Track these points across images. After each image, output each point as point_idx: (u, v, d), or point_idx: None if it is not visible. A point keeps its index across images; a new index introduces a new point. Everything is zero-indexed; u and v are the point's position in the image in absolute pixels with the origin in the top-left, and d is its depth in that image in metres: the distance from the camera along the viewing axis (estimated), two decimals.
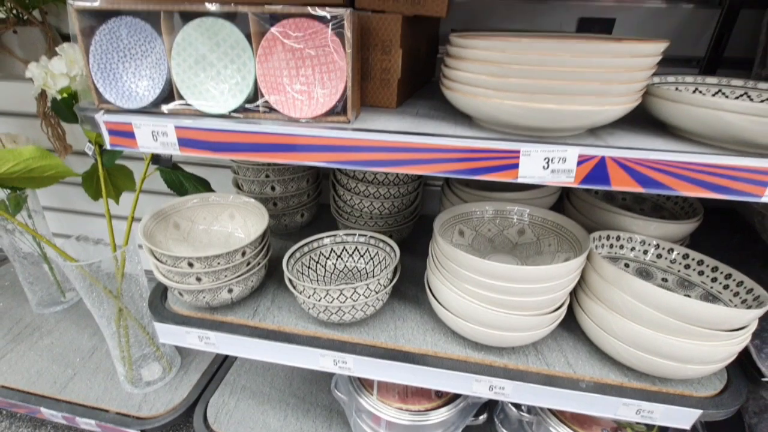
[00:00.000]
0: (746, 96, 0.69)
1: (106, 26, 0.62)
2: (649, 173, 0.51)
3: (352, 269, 0.92)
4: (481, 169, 0.54)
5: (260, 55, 0.59)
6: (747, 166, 0.49)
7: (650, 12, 0.96)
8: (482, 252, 0.85)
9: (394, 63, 0.67)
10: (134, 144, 0.62)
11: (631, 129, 0.62)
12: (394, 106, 0.71)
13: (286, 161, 0.59)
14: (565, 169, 0.52)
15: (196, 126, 0.59)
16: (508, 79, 0.51)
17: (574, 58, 0.48)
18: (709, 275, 0.79)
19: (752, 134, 0.51)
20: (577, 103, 0.51)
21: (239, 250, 0.77)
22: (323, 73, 0.61)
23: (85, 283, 1.01)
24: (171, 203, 0.88)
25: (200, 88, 0.63)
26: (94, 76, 0.63)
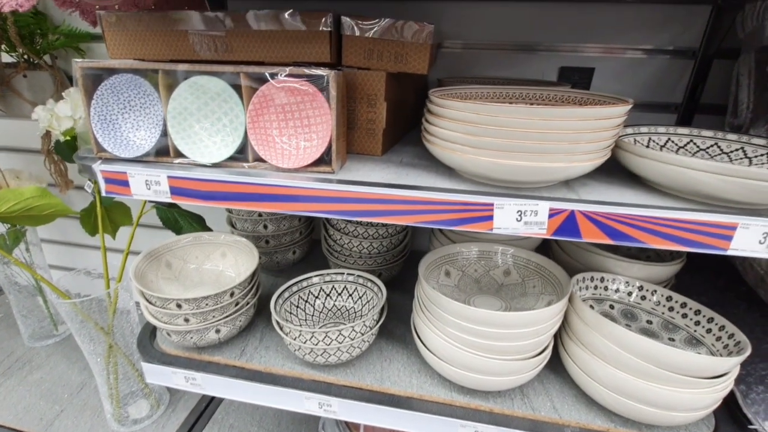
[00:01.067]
0: (716, 146, 0.72)
1: (108, 82, 0.66)
2: (618, 227, 0.53)
3: (341, 308, 0.93)
4: (458, 221, 0.56)
5: (251, 110, 0.63)
6: (711, 221, 0.51)
7: (628, 62, 1.01)
8: (468, 293, 0.86)
9: (379, 115, 0.71)
10: (128, 192, 0.65)
11: (605, 179, 0.65)
12: (379, 154, 0.74)
13: (273, 210, 0.61)
14: (537, 221, 0.54)
15: (187, 176, 0.62)
16: (482, 137, 0.54)
17: (543, 121, 0.52)
18: (693, 318, 0.79)
19: (717, 190, 0.53)
20: (547, 160, 0.53)
21: (227, 291, 0.78)
22: (310, 126, 0.64)
23: (77, 320, 1.02)
24: (164, 243, 0.90)
25: (194, 138, 0.67)
26: (94, 127, 0.67)
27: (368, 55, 0.68)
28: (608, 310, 0.85)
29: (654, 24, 0.96)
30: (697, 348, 0.75)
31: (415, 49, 0.66)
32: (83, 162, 0.67)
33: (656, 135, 0.74)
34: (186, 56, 0.71)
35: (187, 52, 0.71)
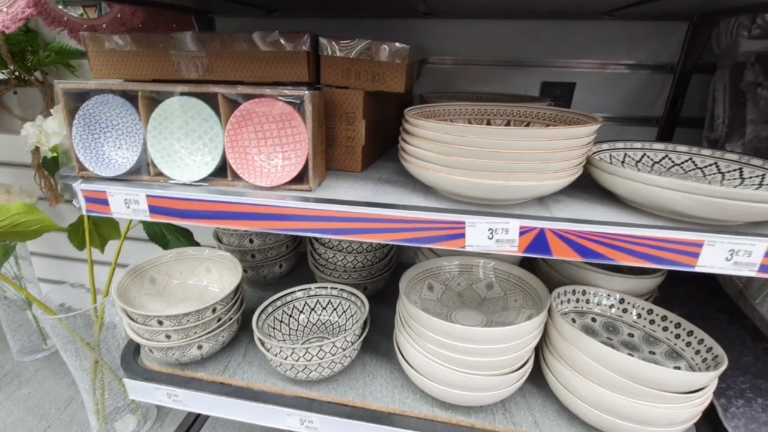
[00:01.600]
0: (691, 161, 0.73)
1: (89, 102, 0.67)
2: (588, 244, 0.54)
3: (325, 322, 0.93)
4: (432, 238, 0.57)
5: (229, 129, 0.64)
6: (679, 238, 0.52)
7: (609, 76, 1.02)
8: (450, 307, 0.86)
9: (358, 132, 0.72)
10: (108, 210, 0.65)
11: (579, 195, 0.66)
12: (359, 171, 0.75)
13: (250, 228, 0.62)
14: (508, 239, 0.55)
15: (165, 195, 0.63)
16: (455, 157, 0.55)
17: (514, 141, 0.52)
18: (673, 331, 0.80)
19: (684, 207, 0.54)
20: (519, 179, 0.54)
21: (209, 307, 0.79)
22: (287, 144, 0.65)
23: (63, 335, 1.02)
24: (148, 259, 0.91)
25: (174, 157, 0.68)
26: (75, 147, 0.68)
27: (346, 74, 0.69)
28: (590, 323, 0.85)
29: (634, 40, 0.98)
30: (677, 361, 0.76)
31: (391, 69, 0.67)
32: (65, 181, 0.68)
33: (632, 150, 0.76)
34: (168, 76, 0.72)
35: (169, 72, 0.72)
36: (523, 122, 0.74)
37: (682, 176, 0.70)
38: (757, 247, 0.50)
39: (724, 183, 0.67)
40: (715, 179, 0.68)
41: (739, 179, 0.66)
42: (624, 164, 0.74)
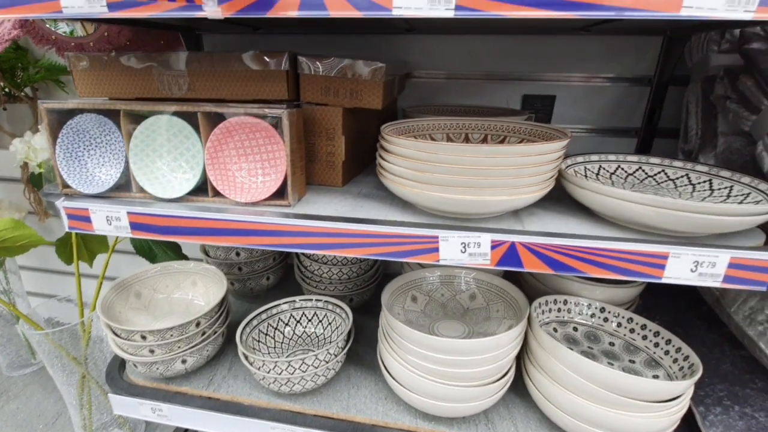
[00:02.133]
0: (663, 173, 0.74)
1: (73, 122, 0.68)
2: (558, 257, 0.55)
3: (311, 335, 0.93)
4: (407, 252, 0.58)
5: (209, 147, 0.65)
6: (645, 251, 0.53)
7: (588, 89, 1.04)
8: (433, 318, 0.87)
9: (338, 148, 0.73)
10: (90, 227, 0.66)
11: (552, 207, 0.67)
12: (340, 185, 0.76)
13: (229, 244, 0.63)
14: (480, 252, 0.56)
15: (146, 212, 0.64)
16: (429, 174, 0.56)
17: (486, 158, 0.54)
18: (652, 340, 0.81)
19: (651, 220, 0.55)
20: (491, 194, 0.56)
21: (193, 321, 0.79)
22: (267, 161, 0.67)
23: (49, 350, 1.02)
24: (134, 273, 0.91)
25: (156, 174, 0.69)
26: (59, 165, 0.69)
27: (325, 91, 0.70)
28: (572, 333, 0.86)
29: (611, 53, 1.01)
30: (656, 370, 0.77)
31: (368, 86, 0.69)
32: (48, 198, 0.68)
33: (606, 162, 0.77)
34: (151, 94, 0.74)
35: (151, 91, 0.73)
36: (500, 137, 0.76)
37: (654, 188, 0.72)
38: (721, 258, 0.51)
39: (695, 194, 0.68)
40: (686, 191, 0.70)
41: (708, 190, 0.68)
42: (599, 176, 0.75)
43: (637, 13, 0.43)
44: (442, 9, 0.45)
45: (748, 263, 0.51)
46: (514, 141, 0.74)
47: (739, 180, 0.66)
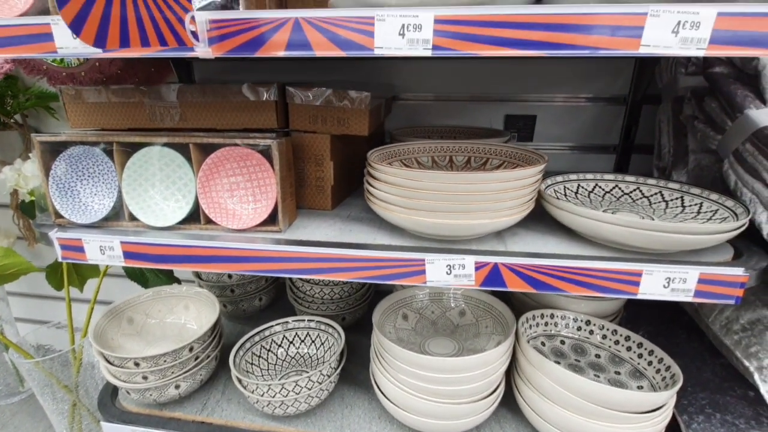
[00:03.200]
0: (638, 190, 0.78)
1: (65, 153, 0.69)
2: (538, 277, 0.57)
3: (303, 355, 0.94)
4: (395, 275, 0.60)
5: (201, 176, 0.67)
6: (620, 269, 0.56)
7: (567, 109, 1.09)
8: (424, 335, 0.89)
9: (327, 173, 0.76)
10: (84, 257, 0.67)
11: (534, 226, 0.70)
12: (329, 209, 0.79)
13: (222, 271, 0.64)
14: (465, 274, 0.58)
15: (139, 241, 0.65)
16: (414, 200, 0.59)
17: (468, 185, 0.57)
18: (636, 351, 0.83)
19: (625, 239, 0.58)
20: (474, 218, 0.58)
21: (186, 347, 0.80)
22: (257, 188, 0.69)
23: (39, 378, 1.01)
24: (126, 299, 0.92)
25: (148, 203, 0.70)
26: (52, 196, 0.70)
27: (313, 120, 0.73)
28: (559, 346, 0.89)
29: (588, 75, 1.05)
30: (640, 380, 0.79)
31: (355, 114, 0.71)
32: (41, 229, 0.69)
33: (584, 181, 0.81)
34: (143, 125, 0.76)
35: (143, 121, 0.75)
36: (482, 159, 0.79)
37: (630, 205, 0.75)
38: (691, 274, 0.54)
39: (668, 211, 0.72)
40: (659, 207, 0.73)
41: (680, 207, 0.72)
42: (577, 195, 0.79)
43: (601, 51, 0.46)
44: (420, 49, 0.48)
45: (716, 278, 0.54)
46: (495, 163, 0.77)
47: (708, 197, 0.70)
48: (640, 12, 0.44)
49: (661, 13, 0.44)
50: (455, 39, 0.48)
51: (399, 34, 0.48)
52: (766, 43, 0.44)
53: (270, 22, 0.50)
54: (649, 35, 0.45)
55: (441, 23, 0.47)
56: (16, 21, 0.55)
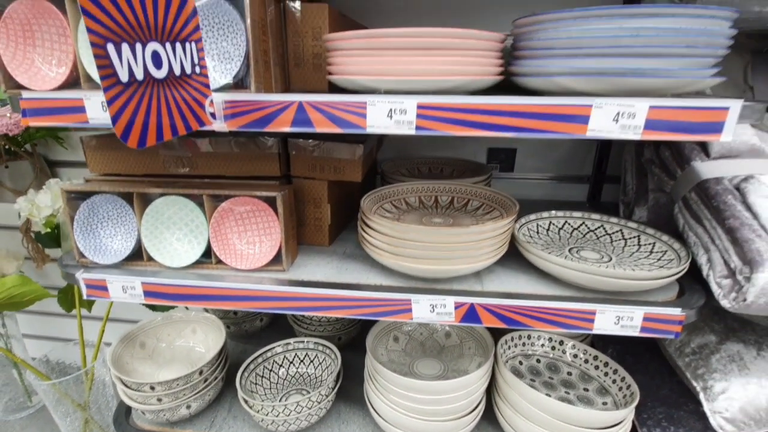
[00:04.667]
0: (602, 228, 0.88)
1: (89, 201, 0.77)
2: (509, 315, 0.66)
3: (303, 374, 1.03)
4: (385, 313, 0.69)
5: (213, 223, 0.75)
6: (578, 308, 0.65)
7: (544, 143, 1.18)
8: (413, 356, 0.98)
9: (324, 214, 0.84)
10: (107, 295, 0.75)
11: (509, 264, 0.79)
12: (327, 245, 0.87)
13: (232, 308, 0.73)
14: (446, 312, 0.67)
15: (158, 282, 0.73)
16: (401, 248, 0.68)
17: (447, 237, 0.66)
18: (602, 369, 0.93)
19: (582, 282, 0.68)
20: (453, 264, 0.67)
21: (197, 370, 0.88)
22: (263, 231, 0.77)
23: (54, 398, 1.08)
24: (138, 325, 0.99)
25: (164, 244, 0.78)
26: (76, 237, 0.78)
27: (312, 168, 0.82)
28: (535, 364, 0.98)
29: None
30: (605, 397, 0.89)
31: (350, 164, 0.80)
32: (66, 270, 0.77)
33: (556, 219, 0.90)
34: (157, 171, 0.83)
35: (158, 168, 0.83)
36: (464, 199, 0.88)
37: (594, 242, 0.85)
38: (637, 313, 0.64)
39: (625, 249, 0.81)
40: (619, 245, 0.83)
41: (637, 245, 0.81)
42: (549, 232, 0.88)
43: (556, 135, 0.55)
44: (405, 129, 0.57)
45: (658, 317, 0.64)
46: (475, 204, 0.86)
47: (659, 238, 0.80)
48: (587, 104, 0.54)
49: (603, 105, 0.53)
50: (434, 121, 0.56)
51: (387, 116, 0.57)
52: (689, 130, 0.53)
53: (278, 104, 0.58)
54: (595, 122, 0.54)
55: (423, 108, 0.56)
56: (53, 95, 0.63)
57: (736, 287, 0.63)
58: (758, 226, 0.64)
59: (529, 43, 0.60)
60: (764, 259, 0.60)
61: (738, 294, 0.63)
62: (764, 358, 0.76)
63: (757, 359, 0.76)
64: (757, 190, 0.67)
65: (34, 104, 0.64)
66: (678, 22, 0.51)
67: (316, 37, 0.72)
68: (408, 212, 0.85)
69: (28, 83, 0.65)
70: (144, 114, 0.45)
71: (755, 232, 0.63)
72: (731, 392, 0.73)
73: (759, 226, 0.64)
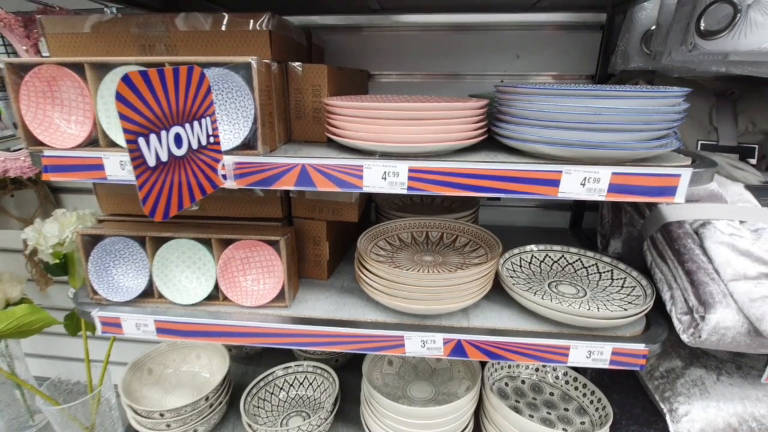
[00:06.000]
0: (579, 261, 0.95)
1: (103, 243, 0.83)
2: (492, 350, 0.73)
3: (303, 397, 1.09)
4: (380, 348, 0.76)
5: (220, 263, 0.81)
6: (553, 344, 0.73)
7: None
8: (406, 379, 1.04)
9: (323, 251, 0.91)
10: (121, 332, 0.81)
11: (493, 298, 0.86)
12: (325, 278, 0.93)
13: (239, 344, 0.79)
14: (436, 347, 0.74)
15: (169, 319, 0.79)
16: (394, 290, 0.74)
17: (435, 282, 0.72)
18: (581, 391, 1.01)
19: (558, 319, 0.75)
20: (441, 304, 0.74)
21: (203, 397, 0.93)
22: (266, 269, 0.83)
23: (63, 420, 1.13)
24: (145, 352, 1.05)
25: (174, 282, 0.84)
26: (90, 276, 0.83)
27: (311, 210, 0.88)
28: (520, 386, 1.05)
29: None
30: (584, 417, 0.96)
31: (347, 207, 0.87)
32: (82, 308, 0.82)
33: (537, 252, 0.97)
34: None
35: None
36: (453, 235, 0.95)
37: (571, 275, 0.92)
38: (606, 348, 0.71)
39: (600, 283, 0.89)
40: (593, 279, 0.91)
41: (610, 279, 0.89)
42: (531, 265, 0.95)
43: (532, 195, 0.63)
44: (398, 189, 0.64)
45: (625, 351, 0.71)
46: (463, 241, 0.93)
47: (630, 273, 0.87)
48: (558, 170, 0.61)
49: (572, 171, 0.61)
50: (423, 182, 0.63)
51: (382, 178, 0.63)
52: (647, 193, 0.61)
53: (283, 167, 0.65)
54: (565, 186, 0.61)
55: (413, 172, 0.63)
56: (74, 153, 0.69)
57: (694, 324, 0.71)
58: (712, 269, 0.72)
59: (508, 110, 0.67)
60: (716, 301, 0.68)
61: (695, 330, 0.70)
62: (722, 383, 0.84)
63: (717, 384, 0.84)
64: (712, 235, 0.74)
65: (55, 161, 0.69)
66: (635, 103, 0.58)
67: (315, 94, 0.78)
68: (401, 249, 0.92)
69: (49, 141, 0.71)
70: (168, 190, 0.51)
71: (709, 276, 0.71)
72: (693, 414, 0.81)
73: (713, 269, 0.72)
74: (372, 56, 1.17)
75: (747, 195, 0.83)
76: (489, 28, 1.12)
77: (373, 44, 1.16)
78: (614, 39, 1.07)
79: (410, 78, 1.18)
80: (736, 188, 0.85)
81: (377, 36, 1.15)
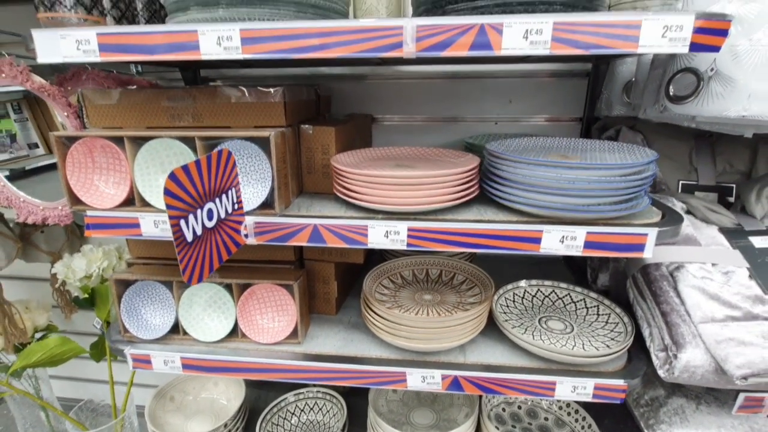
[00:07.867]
0: (569, 296, 1.03)
1: (134, 286, 0.92)
2: (486, 385, 0.81)
3: (313, 422, 1.17)
4: (384, 382, 0.84)
5: (240, 304, 0.90)
6: (541, 380, 0.80)
7: None
8: (410, 406, 1.12)
9: (332, 290, 0.99)
10: (150, 368, 0.89)
11: (489, 334, 0.94)
12: (334, 314, 1.02)
13: (257, 379, 0.87)
14: (435, 382, 0.82)
15: (194, 356, 0.87)
16: (397, 331, 0.82)
17: (433, 324, 0.81)
18: (573, 416, 1.07)
19: (546, 357, 0.83)
20: (440, 343, 0.82)
21: (222, 424, 1.02)
22: (281, 308, 0.92)
23: None
24: (168, 381, 1.13)
25: (197, 320, 0.93)
26: (122, 316, 0.92)
27: (321, 253, 0.97)
28: (516, 411, 1.13)
29: None
30: None
31: (353, 251, 0.95)
32: (115, 345, 0.91)
33: (529, 287, 1.05)
34: None
35: None
36: (451, 273, 1.03)
37: (560, 310, 1.00)
38: (589, 383, 0.79)
39: (587, 318, 0.96)
40: (581, 313, 0.98)
41: (596, 315, 0.96)
42: (523, 300, 1.03)
43: (516, 252, 0.71)
44: (398, 245, 0.72)
45: (606, 386, 0.79)
46: (460, 279, 1.02)
47: (614, 309, 0.95)
48: (539, 230, 0.69)
49: (552, 231, 0.69)
50: (421, 240, 0.72)
51: (384, 236, 0.72)
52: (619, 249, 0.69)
53: (297, 226, 0.73)
54: (546, 243, 0.69)
55: (412, 230, 0.71)
56: (114, 213, 0.78)
57: (668, 361, 0.78)
58: (684, 311, 0.79)
59: (496, 171, 0.76)
60: (686, 342, 0.75)
61: (669, 367, 0.78)
62: (701, 411, 0.91)
63: (696, 413, 0.91)
64: (685, 279, 0.82)
65: (97, 220, 0.79)
66: (605, 174, 0.66)
67: (324, 152, 0.87)
68: (403, 287, 1.00)
69: (90, 201, 0.80)
70: (201, 259, 0.60)
71: (681, 317, 0.78)
72: None
73: (685, 311, 0.79)
74: (376, 102, 1.26)
75: (720, 238, 0.91)
76: (484, 76, 1.21)
77: (377, 91, 1.25)
78: (599, 86, 1.15)
79: (411, 121, 1.28)
80: (710, 231, 0.92)
81: (381, 84, 1.25)
